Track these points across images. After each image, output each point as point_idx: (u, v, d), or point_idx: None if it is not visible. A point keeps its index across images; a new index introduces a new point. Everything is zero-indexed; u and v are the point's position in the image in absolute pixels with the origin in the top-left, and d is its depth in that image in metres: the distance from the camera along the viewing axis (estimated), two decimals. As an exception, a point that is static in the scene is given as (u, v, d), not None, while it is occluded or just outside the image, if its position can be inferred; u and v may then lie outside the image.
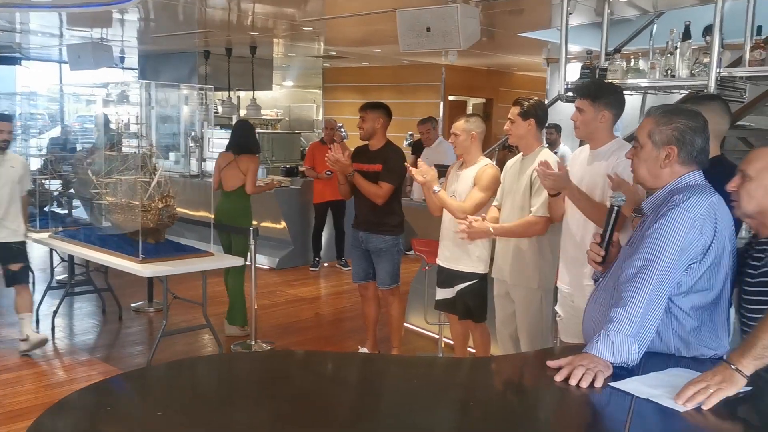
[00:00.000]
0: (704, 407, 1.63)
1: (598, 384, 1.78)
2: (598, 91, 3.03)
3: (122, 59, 11.10)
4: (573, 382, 1.79)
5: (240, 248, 5.35)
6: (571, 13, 4.16)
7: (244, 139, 5.60)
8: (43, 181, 6.31)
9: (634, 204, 2.42)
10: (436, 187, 3.86)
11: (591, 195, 2.99)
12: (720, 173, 2.56)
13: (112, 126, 6.09)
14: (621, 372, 1.90)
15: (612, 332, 1.90)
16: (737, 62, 3.49)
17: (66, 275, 5.92)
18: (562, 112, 5.44)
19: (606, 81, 3.64)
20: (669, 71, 3.53)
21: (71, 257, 5.54)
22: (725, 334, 2.05)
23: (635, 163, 2.13)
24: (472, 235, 3.58)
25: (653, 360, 1.99)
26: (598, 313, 2.13)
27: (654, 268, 1.92)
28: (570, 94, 3.85)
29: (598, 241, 2.22)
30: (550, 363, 1.90)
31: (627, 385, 1.78)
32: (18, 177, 4.94)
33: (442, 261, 4.07)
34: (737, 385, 1.64)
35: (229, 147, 5.62)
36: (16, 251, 5.00)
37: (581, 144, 3.22)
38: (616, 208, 2.19)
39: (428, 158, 7.65)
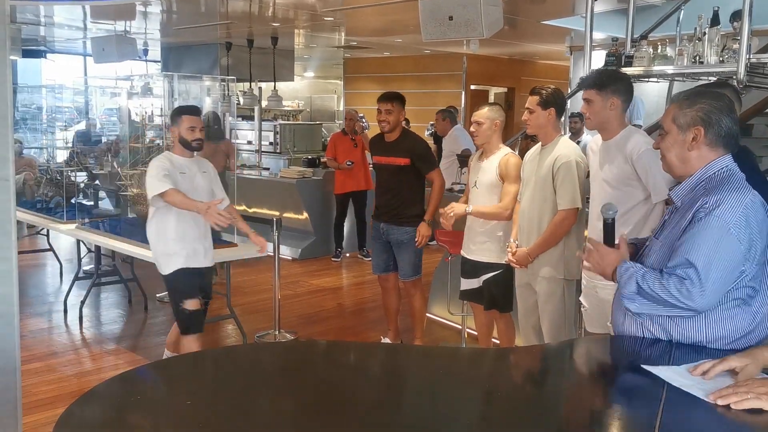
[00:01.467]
0: (733, 407, 1.59)
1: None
2: (605, 79, 3.02)
3: (145, 52, 11.20)
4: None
5: None
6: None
7: (220, 126, 6.50)
8: (69, 173, 6.39)
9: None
10: (468, 208, 3.91)
11: (612, 185, 2.99)
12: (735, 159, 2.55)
13: (136, 118, 6.15)
14: (648, 363, 1.88)
15: (628, 275, 1.98)
16: (766, 48, 3.43)
17: (93, 266, 6.00)
18: (586, 101, 5.37)
19: (610, 68, 3.61)
20: (697, 58, 3.47)
21: (98, 248, 5.62)
22: (763, 327, 1.98)
23: (662, 150, 2.10)
24: (520, 263, 3.58)
25: (682, 350, 1.97)
26: (618, 300, 2.12)
27: (680, 275, 1.90)
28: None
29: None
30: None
31: (660, 371, 1.75)
32: (211, 183, 3.97)
33: (466, 252, 4.05)
34: None
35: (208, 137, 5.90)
36: (211, 280, 4.03)
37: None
38: (609, 221, 2.16)
39: (444, 147, 7.68)
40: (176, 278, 3.78)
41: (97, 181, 6.78)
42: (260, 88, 10.89)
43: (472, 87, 12.97)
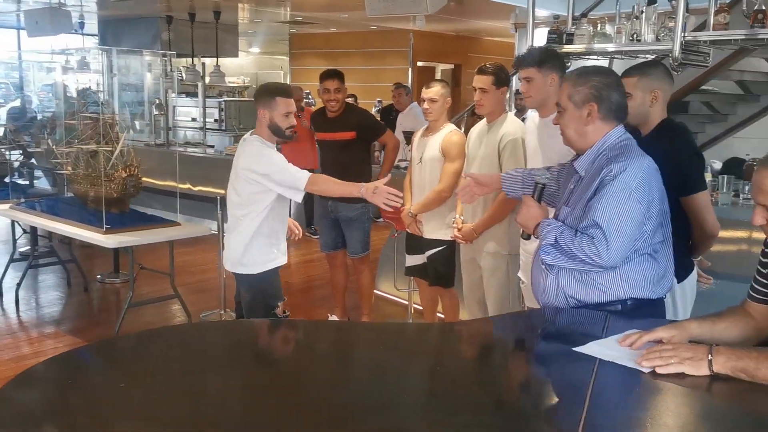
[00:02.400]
0: (658, 371, 1.66)
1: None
2: (543, 56, 3.06)
3: (82, 25, 10.77)
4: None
5: None
6: (538, -23, 4.13)
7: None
8: (2, 151, 6.16)
9: None
10: (410, 211, 3.95)
11: (553, 161, 3.03)
12: (667, 136, 2.64)
13: (73, 94, 5.94)
14: (583, 336, 1.94)
15: (547, 229, 2.18)
16: (702, 26, 3.51)
17: (29, 247, 5.81)
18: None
19: (545, 45, 3.65)
20: (635, 36, 3.53)
21: (34, 229, 5.44)
22: (668, 279, 2.22)
23: (562, 127, 2.26)
24: (465, 239, 3.59)
25: (613, 323, 2.05)
26: (537, 265, 2.28)
27: (590, 234, 2.08)
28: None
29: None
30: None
31: (590, 348, 1.81)
32: None
33: (411, 228, 4.07)
34: (698, 371, 1.64)
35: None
36: None
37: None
38: (540, 185, 2.33)
39: (402, 123, 7.66)
40: (268, 279, 3.40)
41: (32, 160, 6.55)
42: (203, 64, 10.66)
43: (419, 63, 12.96)
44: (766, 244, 1.89)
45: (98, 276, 5.94)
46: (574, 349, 1.82)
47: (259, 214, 3.30)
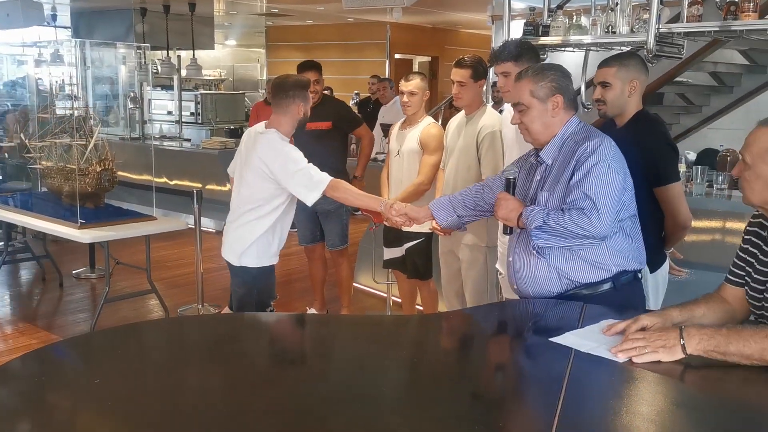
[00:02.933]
0: (634, 360, 1.69)
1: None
2: (519, 50, 3.05)
3: (54, 17, 10.60)
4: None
5: None
6: (514, -31, 4.14)
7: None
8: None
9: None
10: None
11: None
12: (642, 128, 2.68)
13: (44, 87, 5.85)
14: (560, 326, 1.95)
15: (533, 214, 2.20)
16: (676, 18, 3.54)
17: (2, 243, 5.72)
18: (507, 70, 5.42)
19: (518, 39, 3.65)
20: (610, 28, 3.55)
21: (8, 224, 5.35)
22: (643, 250, 2.32)
23: (526, 123, 2.31)
24: (444, 231, 3.57)
25: (589, 313, 2.07)
26: (522, 256, 2.31)
27: (583, 212, 2.14)
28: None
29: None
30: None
31: (566, 339, 1.82)
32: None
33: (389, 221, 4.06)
34: (673, 356, 1.67)
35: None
36: None
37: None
38: (512, 180, 2.37)
39: (384, 116, 7.63)
40: (265, 274, 3.32)
41: (6, 154, 6.45)
42: (179, 57, 10.53)
43: (396, 56, 12.96)
44: (745, 230, 1.92)
45: (73, 271, 5.87)
46: (550, 339, 1.84)
47: (274, 210, 3.18)
